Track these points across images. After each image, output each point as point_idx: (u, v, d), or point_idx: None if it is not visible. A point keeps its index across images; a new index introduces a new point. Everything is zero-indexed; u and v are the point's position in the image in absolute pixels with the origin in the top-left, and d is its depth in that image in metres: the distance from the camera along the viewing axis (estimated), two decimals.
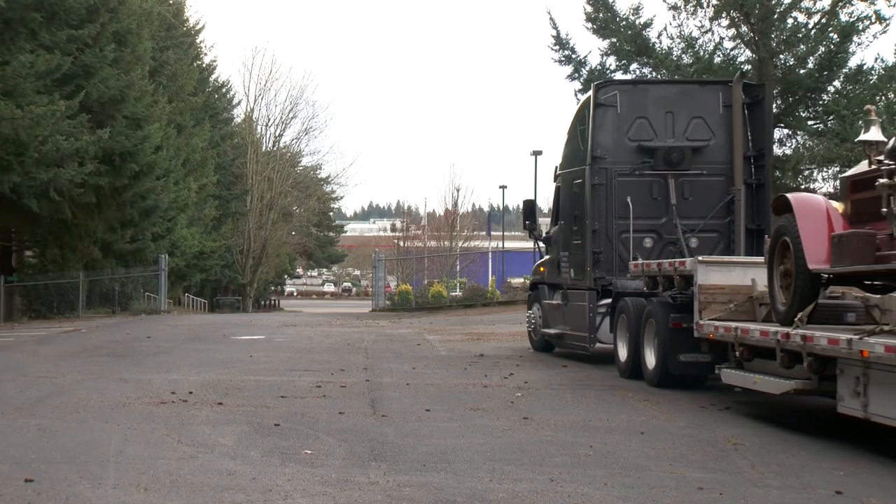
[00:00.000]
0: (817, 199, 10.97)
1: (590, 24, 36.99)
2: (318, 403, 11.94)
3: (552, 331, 18.33)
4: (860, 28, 33.93)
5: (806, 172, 35.05)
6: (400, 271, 65.60)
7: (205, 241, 48.78)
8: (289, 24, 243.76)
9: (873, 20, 33.55)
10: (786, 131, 36.12)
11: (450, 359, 17.61)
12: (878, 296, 10.97)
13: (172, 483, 7.89)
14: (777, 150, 34.13)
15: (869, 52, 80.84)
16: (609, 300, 16.28)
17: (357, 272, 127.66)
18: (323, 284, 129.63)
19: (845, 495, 7.77)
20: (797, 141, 35.57)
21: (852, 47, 34.26)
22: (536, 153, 51.10)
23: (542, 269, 19.42)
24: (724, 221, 16.75)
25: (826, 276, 10.47)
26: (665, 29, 38.13)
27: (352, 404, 11.90)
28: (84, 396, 12.31)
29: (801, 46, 34.38)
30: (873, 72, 33.86)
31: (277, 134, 65.79)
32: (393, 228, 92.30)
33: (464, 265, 65.30)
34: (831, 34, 34.02)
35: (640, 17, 36.58)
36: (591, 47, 64.44)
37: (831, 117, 33.94)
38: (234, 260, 61.14)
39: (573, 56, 37.43)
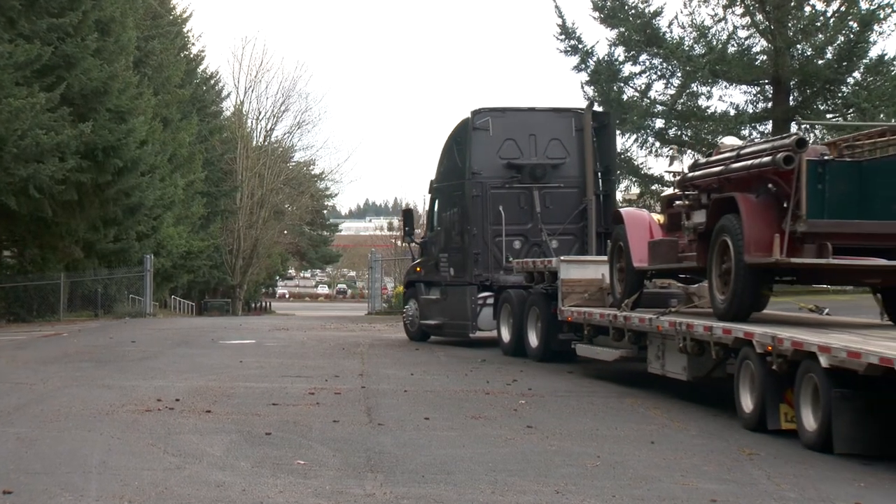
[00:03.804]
0: (642, 214, 15.60)
1: (597, 14, 37.03)
2: (311, 411, 11.94)
3: (431, 322, 21.61)
4: (881, 16, 33.93)
5: None
6: (398, 272, 65.60)
7: (192, 240, 48.73)
8: (280, 12, 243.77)
9: (895, 7, 33.54)
10: (803, 125, 36.07)
11: (450, 364, 17.62)
12: (696, 285, 15.01)
13: (158, 495, 7.89)
14: None
15: (890, 41, 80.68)
16: (486, 294, 20.00)
17: (352, 273, 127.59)
18: (316, 286, 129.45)
19: None
20: (815, 135, 35.56)
21: (873, 36, 34.27)
22: None
23: (418, 269, 22.69)
24: (578, 226, 20.62)
25: (649, 271, 14.58)
26: (676, 17, 38.16)
27: (347, 412, 11.91)
28: (65, 404, 12.31)
29: (819, 36, 34.37)
30: (895, 62, 33.84)
31: (269, 128, 65.68)
32: (390, 227, 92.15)
33: None
34: (851, 23, 34.01)
35: (649, 6, 36.61)
36: (599, 37, 64.33)
37: (851, 110, 33.91)
38: (223, 260, 61.07)
39: (579, 46, 37.45)
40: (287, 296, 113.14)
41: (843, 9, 34.36)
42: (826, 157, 11.80)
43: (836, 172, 11.56)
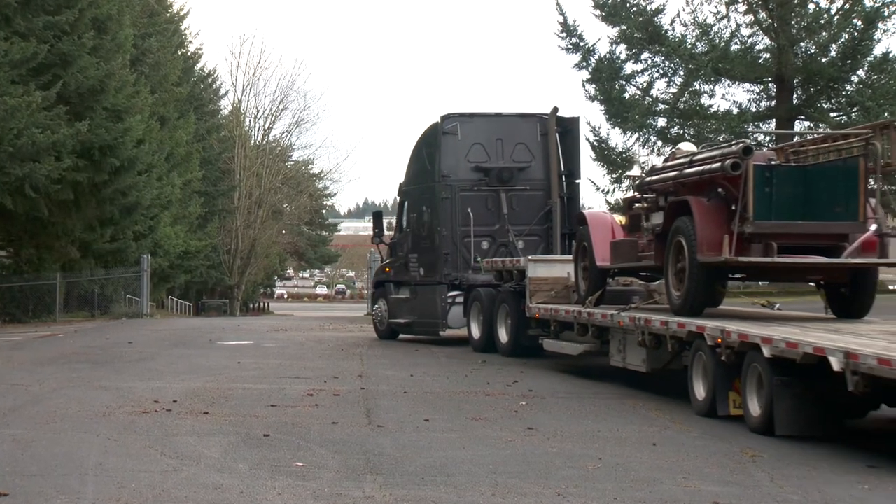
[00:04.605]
0: (605, 215, 16.80)
1: (598, 11, 37.03)
2: (310, 413, 11.95)
3: (401, 320, 22.50)
4: (886, 14, 33.93)
5: None
6: None
7: (189, 240, 48.69)
8: (279, 9, 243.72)
9: None
10: (807, 124, 36.07)
11: (450, 365, 17.62)
12: (656, 283, 15.63)
13: (155, 498, 7.90)
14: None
15: (895, 39, 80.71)
16: (455, 293, 20.92)
17: (351, 273, 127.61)
18: (315, 286, 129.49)
19: None
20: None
21: (877, 34, 34.30)
22: None
23: (387, 269, 23.56)
24: (543, 227, 21.57)
25: (611, 270, 15.67)
26: (678, 15, 38.12)
27: (346, 414, 11.92)
28: (62, 405, 12.32)
29: (823, 33, 34.38)
30: None
31: (267, 127, 65.70)
32: (390, 227, 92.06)
33: None
34: (855, 20, 34.01)
35: (651, 3, 36.64)
36: (601, 35, 64.24)
37: (855, 109, 33.91)
38: (221, 260, 61.06)
39: (581, 44, 37.47)
40: (285, 296, 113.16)
41: (847, 6, 34.37)
42: (773, 163, 12.82)
43: (782, 176, 12.59)
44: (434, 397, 13.51)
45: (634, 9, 36.62)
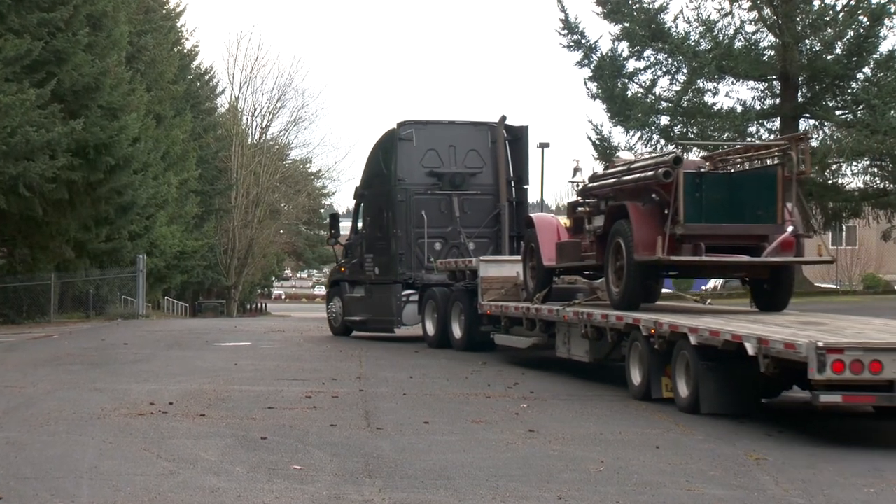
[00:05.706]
0: (551, 219, 18.45)
1: (600, 8, 36.99)
2: (307, 415, 11.95)
3: (356, 318, 23.54)
4: (892, 10, 33.90)
5: (833, 166, 34.95)
6: None
7: (186, 240, 48.71)
8: (276, 6, 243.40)
9: None
10: (812, 122, 36.06)
11: (450, 367, 17.60)
12: (599, 280, 16.84)
13: (151, 501, 7.91)
14: None
15: None
16: (409, 291, 21.96)
17: None
18: (313, 287, 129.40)
19: None
20: (824, 132, 35.49)
21: (884, 31, 34.22)
22: (543, 145, 50.92)
23: (342, 269, 24.70)
24: (493, 230, 22.76)
25: (557, 269, 16.98)
26: (682, 12, 37.96)
27: (344, 416, 11.92)
28: (56, 407, 12.32)
29: (829, 30, 34.33)
30: None
31: (264, 125, 65.80)
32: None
33: None
34: (861, 17, 33.96)
35: (654, 0, 36.59)
36: (602, 32, 64.19)
37: (861, 107, 33.89)
38: (218, 260, 61.08)
39: (583, 41, 37.43)
40: (283, 297, 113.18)
41: (852, 3, 34.32)
42: (703, 170, 14.21)
43: (709, 183, 13.99)
44: (434, 399, 13.51)
45: (637, 6, 36.58)
